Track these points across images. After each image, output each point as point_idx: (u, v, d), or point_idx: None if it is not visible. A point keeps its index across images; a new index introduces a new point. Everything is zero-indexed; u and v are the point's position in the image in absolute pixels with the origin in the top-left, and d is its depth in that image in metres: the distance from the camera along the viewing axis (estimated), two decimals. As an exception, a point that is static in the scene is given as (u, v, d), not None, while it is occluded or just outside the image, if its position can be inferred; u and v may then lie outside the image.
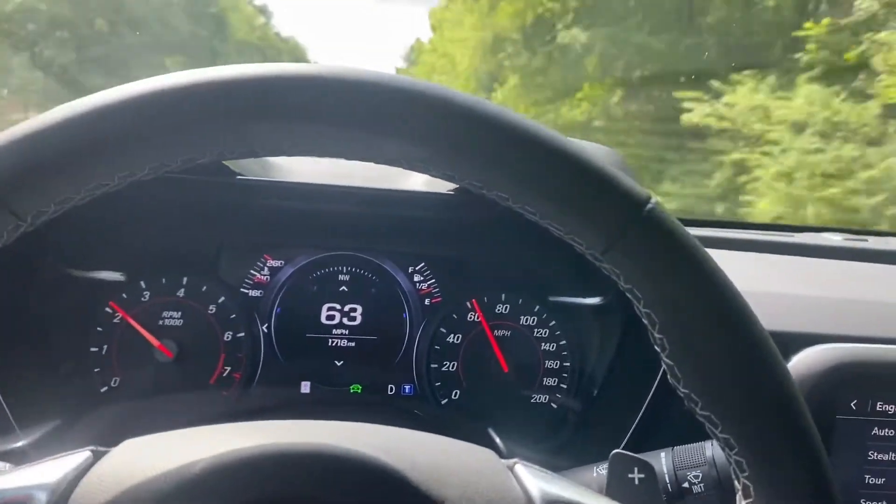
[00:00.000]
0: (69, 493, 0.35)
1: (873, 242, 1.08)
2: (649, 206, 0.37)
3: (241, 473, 0.35)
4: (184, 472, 0.35)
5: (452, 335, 0.90)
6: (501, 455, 0.41)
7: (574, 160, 0.37)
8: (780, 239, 1.04)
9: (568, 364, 0.91)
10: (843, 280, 0.91)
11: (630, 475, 0.55)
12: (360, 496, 0.35)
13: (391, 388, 0.91)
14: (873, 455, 0.68)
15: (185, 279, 0.87)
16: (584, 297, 0.92)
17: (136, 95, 0.36)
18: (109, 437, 0.42)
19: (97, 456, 0.38)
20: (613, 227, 0.37)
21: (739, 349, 0.37)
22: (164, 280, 0.86)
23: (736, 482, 0.39)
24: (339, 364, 0.90)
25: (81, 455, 0.38)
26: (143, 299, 0.86)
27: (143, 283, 0.86)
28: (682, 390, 0.39)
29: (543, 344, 0.91)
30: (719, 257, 0.39)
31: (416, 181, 0.89)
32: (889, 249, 1.04)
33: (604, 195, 0.37)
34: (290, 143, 0.38)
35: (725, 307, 0.38)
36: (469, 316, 0.91)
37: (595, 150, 0.41)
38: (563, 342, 0.91)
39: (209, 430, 0.39)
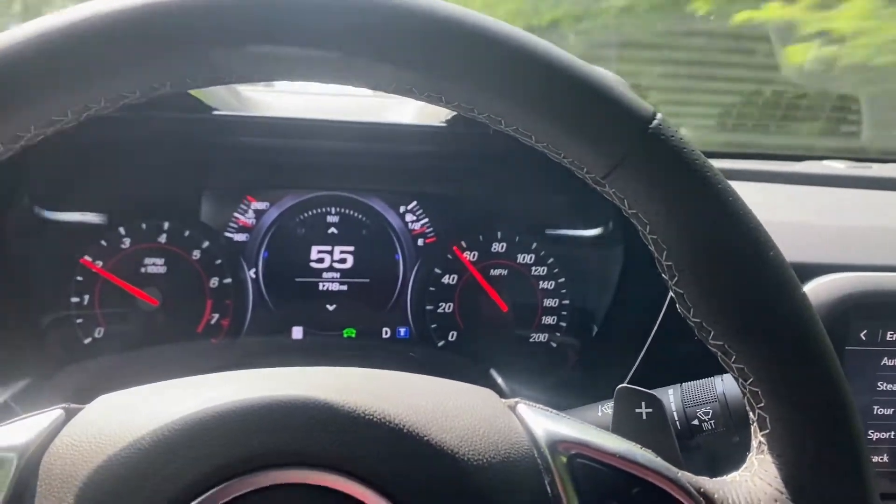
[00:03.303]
0: (40, 454, 0.33)
1: (877, 169, 1.05)
2: (655, 122, 0.34)
3: (225, 428, 0.32)
4: (162, 428, 0.32)
5: (448, 276, 0.88)
6: (503, 395, 0.39)
7: (571, 74, 0.34)
8: (781, 168, 1.01)
9: (567, 302, 0.89)
10: (847, 208, 0.89)
11: (637, 410, 0.52)
12: (355, 445, 0.33)
13: (386, 332, 0.88)
14: (882, 385, 0.67)
15: (166, 224, 0.83)
16: (582, 229, 0.89)
17: (88, 17, 0.31)
18: (89, 393, 0.39)
19: (70, 414, 0.35)
20: (616, 147, 0.34)
21: (755, 272, 0.35)
22: (144, 226, 0.82)
23: (751, 414, 0.37)
24: (331, 308, 0.87)
25: (53, 413, 0.35)
26: (122, 246, 0.82)
27: (122, 230, 0.82)
28: (693, 319, 0.36)
29: (541, 282, 0.88)
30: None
31: (405, 114, 0.85)
32: (893, 176, 1.01)
33: (605, 112, 0.34)
34: (259, 67, 0.34)
35: (740, 228, 0.35)
36: (464, 256, 0.88)
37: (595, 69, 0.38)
38: (562, 279, 0.89)
39: (189, 381, 0.36)
